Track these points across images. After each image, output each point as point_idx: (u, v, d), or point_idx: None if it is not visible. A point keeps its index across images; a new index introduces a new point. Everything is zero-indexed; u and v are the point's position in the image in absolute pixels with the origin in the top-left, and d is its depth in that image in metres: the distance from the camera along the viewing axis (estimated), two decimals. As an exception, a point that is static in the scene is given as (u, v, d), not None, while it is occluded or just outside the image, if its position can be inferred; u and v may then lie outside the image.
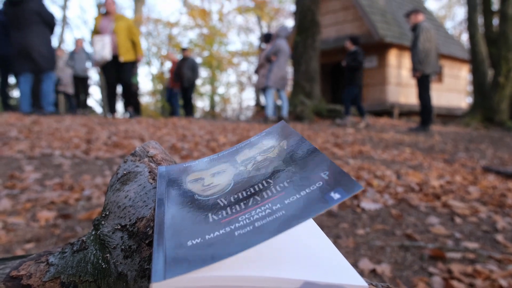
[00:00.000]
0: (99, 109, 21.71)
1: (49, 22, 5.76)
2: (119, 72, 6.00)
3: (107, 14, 5.96)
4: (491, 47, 10.48)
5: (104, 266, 0.42)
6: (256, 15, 24.13)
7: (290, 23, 27.40)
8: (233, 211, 0.37)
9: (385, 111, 11.89)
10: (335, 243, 1.77)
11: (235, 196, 0.40)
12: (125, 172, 0.50)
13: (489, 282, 1.41)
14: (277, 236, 0.31)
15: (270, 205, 0.36)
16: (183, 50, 10.27)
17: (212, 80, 25.24)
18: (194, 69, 9.94)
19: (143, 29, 23.23)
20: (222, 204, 0.39)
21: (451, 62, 14.11)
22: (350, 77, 7.42)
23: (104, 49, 5.70)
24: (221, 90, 27.90)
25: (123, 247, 0.42)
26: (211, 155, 0.52)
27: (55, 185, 2.36)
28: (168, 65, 13.14)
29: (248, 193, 0.40)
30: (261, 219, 0.34)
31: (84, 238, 0.47)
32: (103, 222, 0.46)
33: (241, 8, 24.06)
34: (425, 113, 6.82)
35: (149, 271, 0.38)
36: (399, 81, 12.32)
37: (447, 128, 8.71)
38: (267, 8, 23.94)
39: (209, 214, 0.38)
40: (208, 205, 0.40)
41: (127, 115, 6.21)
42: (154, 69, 27.09)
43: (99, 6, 6.31)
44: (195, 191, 0.43)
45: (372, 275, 1.48)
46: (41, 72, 5.73)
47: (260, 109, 11.95)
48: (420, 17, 6.62)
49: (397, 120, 10.61)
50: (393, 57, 12.13)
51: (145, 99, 25.57)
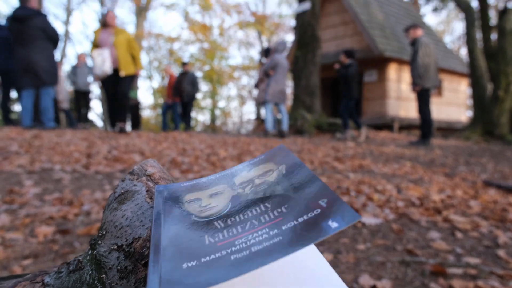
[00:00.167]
0: (100, 123, 21.80)
1: (53, 38, 5.82)
2: (117, 86, 5.94)
3: (106, 27, 5.90)
4: (490, 61, 10.57)
5: (99, 287, 0.42)
6: (256, 30, 24.39)
7: (290, 37, 27.70)
8: (230, 234, 0.37)
9: (386, 124, 11.93)
10: (336, 258, 1.76)
11: (232, 219, 0.40)
12: (122, 191, 0.50)
13: (491, 299, 1.39)
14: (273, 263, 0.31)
15: (267, 229, 0.36)
16: (184, 64, 10.26)
17: (213, 94, 25.37)
18: (194, 83, 9.95)
19: (144, 43, 23.46)
20: (219, 227, 0.39)
21: (450, 76, 14.20)
22: (345, 89, 7.47)
23: (104, 63, 5.65)
24: (221, 104, 28.03)
25: (119, 267, 0.42)
26: (209, 176, 0.52)
27: (54, 200, 2.35)
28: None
29: (246, 216, 0.40)
30: (258, 243, 0.34)
31: (81, 258, 0.47)
32: (99, 242, 0.46)
33: (242, 23, 24.34)
34: (425, 127, 6.83)
35: (144, 293, 0.38)
36: (399, 95, 12.38)
37: (447, 141, 8.72)
38: (267, 23, 24.22)
39: (206, 236, 0.38)
40: (205, 227, 0.40)
41: (117, 129, 5.99)
42: (155, 83, 27.28)
43: (101, 22, 6.22)
44: (192, 212, 0.43)
45: (373, 291, 1.46)
46: (43, 86, 5.76)
47: (261, 122, 11.98)
48: (419, 32, 6.68)
49: (397, 134, 10.62)
50: (392, 71, 12.21)
51: (146, 113, 25.69)
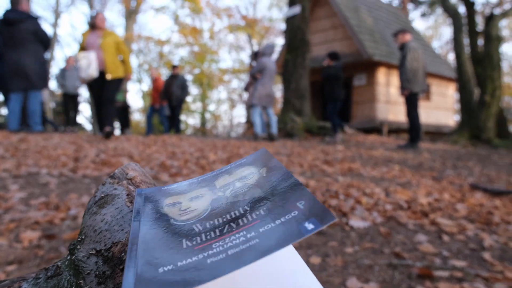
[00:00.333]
0: (89, 126, 21.61)
1: (44, 42, 5.78)
2: (104, 89, 5.72)
3: (95, 29, 5.75)
4: (476, 66, 10.73)
5: (77, 293, 0.41)
6: (246, 33, 24.45)
7: (280, 41, 27.81)
8: (208, 237, 0.37)
9: (375, 128, 12.02)
10: (324, 262, 1.76)
11: (211, 222, 0.40)
12: (102, 195, 0.49)
13: (476, 301, 1.40)
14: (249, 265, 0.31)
15: (244, 232, 0.36)
16: (174, 67, 10.14)
17: (203, 97, 25.34)
18: (184, 87, 9.85)
19: (134, 46, 23.35)
20: (197, 230, 0.39)
21: (438, 80, 14.38)
22: (329, 91, 7.54)
23: (90, 66, 5.46)
24: (212, 107, 28.00)
25: (97, 272, 0.41)
26: (191, 179, 0.52)
27: (40, 204, 2.32)
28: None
29: (224, 219, 0.40)
30: (234, 247, 0.34)
31: (59, 263, 0.46)
32: (78, 247, 0.46)
33: (232, 27, 24.39)
34: (413, 131, 6.90)
35: (121, 298, 0.37)
36: (388, 99, 12.50)
37: (435, 145, 8.81)
38: (257, 26, 24.32)
39: (183, 240, 0.37)
40: (183, 230, 0.39)
41: (103, 134, 5.69)
42: (145, 86, 27.13)
43: (90, 24, 6.02)
44: (172, 215, 0.43)
45: (360, 295, 1.46)
46: (33, 90, 5.68)
47: (251, 126, 11.98)
48: (408, 37, 6.76)
49: (386, 137, 10.71)
50: (381, 75, 12.33)
51: (136, 117, 25.54)
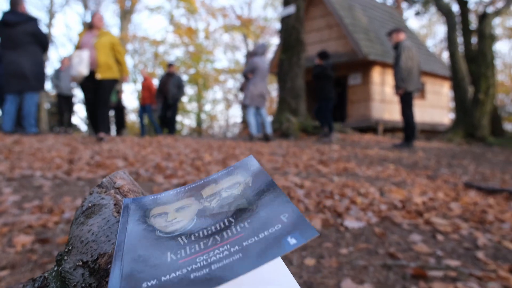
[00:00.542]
0: (84, 127, 21.50)
1: (42, 43, 5.78)
2: (97, 90, 5.58)
3: (92, 28, 5.64)
4: (470, 64, 10.78)
5: (63, 305, 0.41)
6: (242, 33, 24.43)
7: (275, 41, 27.80)
8: (192, 251, 0.37)
9: (370, 127, 12.05)
10: (319, 263, 1.76)
11: (196, 235, 0.40)
12: (90, 205, 0.49)
13: (470, 301, 1.41)
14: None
15: (228, 246, 0.36)
16: (169, 65, 10.01)
17: (199, 98, 25.29)
18: (180, 86, 9.74)
19: (129, 47, 23.27)
20: (182, 243, 0.39)
21: (433, 79, 14.44)
22: (319, 90, 7.56)
23: (80, 64, 5.29)
24: (207, 107, 27.96)
25: (83, 285, 0.41)
26: (178, 188, 0.52)
27: (34, 207, 2.30)
28: (155, 82, 12.98)
29: (209, 231, 0.40)
30: (218, 261, 0.34)
31: (46, 274, 0.46)
32: (65, 258, 0.45)
33: (227, 26, 24.36)
34: (408, 130, 6.92)
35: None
36: (383, 98, 12.53)
37: (430, 144, 8.85)
38: (253, 26, 24.30)
39: (168, 253, 0.37)
40: (169, 243, 0.39)
41: (98, 138, 5.58)
42: (140, 86, 27.00)
43: (84, 24, 5.95)
44: (158, 227, 0.43)
45: (354, 296, 1.47)
46: (30, 91, 5.65)
47: (247, 126, 11.97)
48: (402, 36, 6.78)
49: (381, 137, 10.74)
50: (376, 74, 12.36)
51: (132, 117, 25.46)
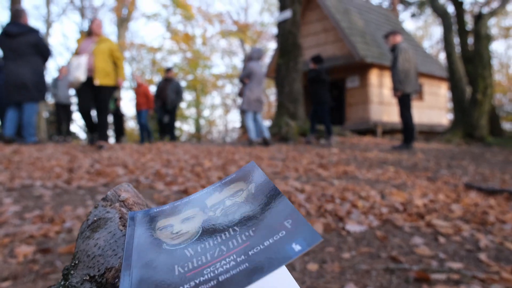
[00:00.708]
0: (83, 135, 21.49)
1: (44, 54, 5.81)
2: (95, 97, 5.52)
3: (90, 35, 5.59)
4: (467, 65, 10.82)
5: (71, 320, 0.41)
6: (239, 38, 24.50)
7: (272, 46, 27.90)
8: (199, 263, 0.37)
9: (369, 129, 12.07)
10: (321, 268, 1.76)
11: (202, 246, 0.40)
12: (95, 219, 0.49)
13: (473, 303, 1.41)
14: None
15: (234, 256, 0.36)
16: (167, 70, 9.90)
17: (197, 103, 25.32)
18: (178, 91, 9.67)
19: (126, 54, 23.31)
20: (189, 255, 0.39)
21: (430, 80, 14.48)
22: (313, 94, 7.56)
23: (78, 69, 5.22)
24: (206, 112, 27.99)
25: (91, 299, 0.41)
26: (183, 198, 0.52)
27: (34, 217, 2.30)
28: (153, 89, 12.94)
29: (215, 241, 0.40)
30: (225, 272, 0.34)
31: (53, 289, 0.46)
32: (72, 272, 0.45)
33: (224, 32, 24.43)
34: (407, 131, 6.94)
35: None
36: (381, 100, 12.56)
37: (429, 145, 8.86)
38: (249, 31, 24.38)
39: (176, 266, 0.38)
40: (176, 255, 0.40)
41: (98, 147, 5.53)
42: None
43: (82, 33, 5.86)
44: (164, 239, 0.43)
45: (358, 300, 1.47)
46: (30, 101, 5.66)
47: (246, 131, 11.98)
48: (398, 38, 6.81)
49: (380, 139, 10.75)
50: (374, 76, 12.39)
51: (130, 124, 25.46)
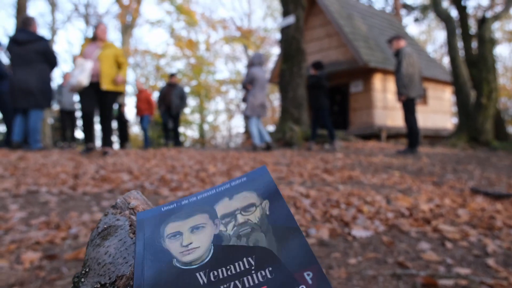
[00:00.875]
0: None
1: (51, 62, 5.88)
2: (100, 103, 5.49)
3: (95, 40, 5.51)
4: (471, 69, 10.79)
5: (83, 328, 0.41)
6: (242, 44, 24.59)
7: (276, 51, 27.96)
8: None
9: (373, 134, 12.04)
10: (328, 274, 1.75)
11: (215, 274, 0.40)
12: (105, 226, 0.49)
13: (482, 309, 1.39)
14: None
15: None
16: (171, 75, 9.90)
17: (201, 109, 25.38)
18: (182, 97, 9.69)
19: (131, 60, 23.44)
20: (201, 282, 0.39)
21: (434, 84, 14.45)
22: (313, 100, 7.54)
23: (82, 73, 5.09)
24: (210, 118, 28.04)
25: (102, 307, 0.41)
26: (191, 196, 0.52)
27: (40, 224, 2.31)
28: (156, 95, 12.99)
29: (229, 273, 0.40)
30: None
31: (64, 297, 0.46)
32: (82, 280, 0.45)
33: (228, 38, 24.54)
34: (412, 136, 6.91)
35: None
36: (385, 105, 12.54)
37: (434, 149, 8.82)
38: (253, 37, 24.47)
39: None
40: (187, 278, 0.39)
41: (104, 153, 5.53)
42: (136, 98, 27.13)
43: (86, 40, 5.82)
44: (174, 252, 0.43)
45: (365, 307, 1.45)
46: (37, 108, 5.70)
47: (249, 136, 11.98)
48: (402, 43, 6.80)
49: (385, 143, 10.72)
50: (378, 81, 12.38)
51: (135, 130, 25.54)
